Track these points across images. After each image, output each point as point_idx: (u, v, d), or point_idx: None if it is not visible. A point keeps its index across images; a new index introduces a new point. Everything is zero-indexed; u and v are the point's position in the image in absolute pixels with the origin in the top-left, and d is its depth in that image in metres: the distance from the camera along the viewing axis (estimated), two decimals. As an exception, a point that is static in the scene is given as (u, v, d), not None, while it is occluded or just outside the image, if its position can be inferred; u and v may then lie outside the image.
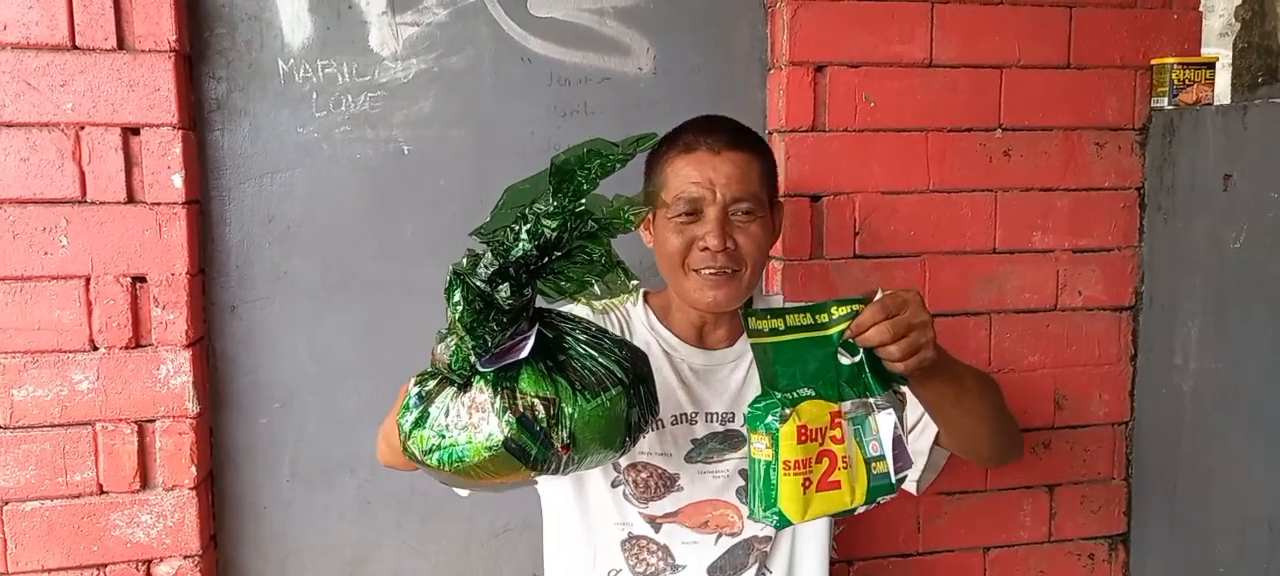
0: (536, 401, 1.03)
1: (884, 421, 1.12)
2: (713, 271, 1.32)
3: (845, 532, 1.92)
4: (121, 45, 1.55)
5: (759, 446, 1.09)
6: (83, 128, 1.55)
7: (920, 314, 1.10)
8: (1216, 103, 1.88)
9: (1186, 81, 1.87)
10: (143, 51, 1.56)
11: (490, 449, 1.03)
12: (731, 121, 1.40)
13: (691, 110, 1.44)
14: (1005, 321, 1.95)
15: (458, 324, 1.02)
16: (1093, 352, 2.00)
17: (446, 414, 1.06)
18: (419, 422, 1.08)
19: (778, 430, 1.08)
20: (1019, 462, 1.96)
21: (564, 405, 1.04)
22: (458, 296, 1.01)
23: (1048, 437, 2.01)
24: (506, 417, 1.02)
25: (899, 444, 1.12)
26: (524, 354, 1.04)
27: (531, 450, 1.03)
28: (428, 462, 1.07)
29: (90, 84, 1.54)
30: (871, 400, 1.12)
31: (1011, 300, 1.94)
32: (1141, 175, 1.97)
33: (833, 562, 1.88)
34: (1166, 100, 1.88)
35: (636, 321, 1.45)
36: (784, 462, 1.08)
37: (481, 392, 1.04)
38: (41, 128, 1.54)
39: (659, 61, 1.82)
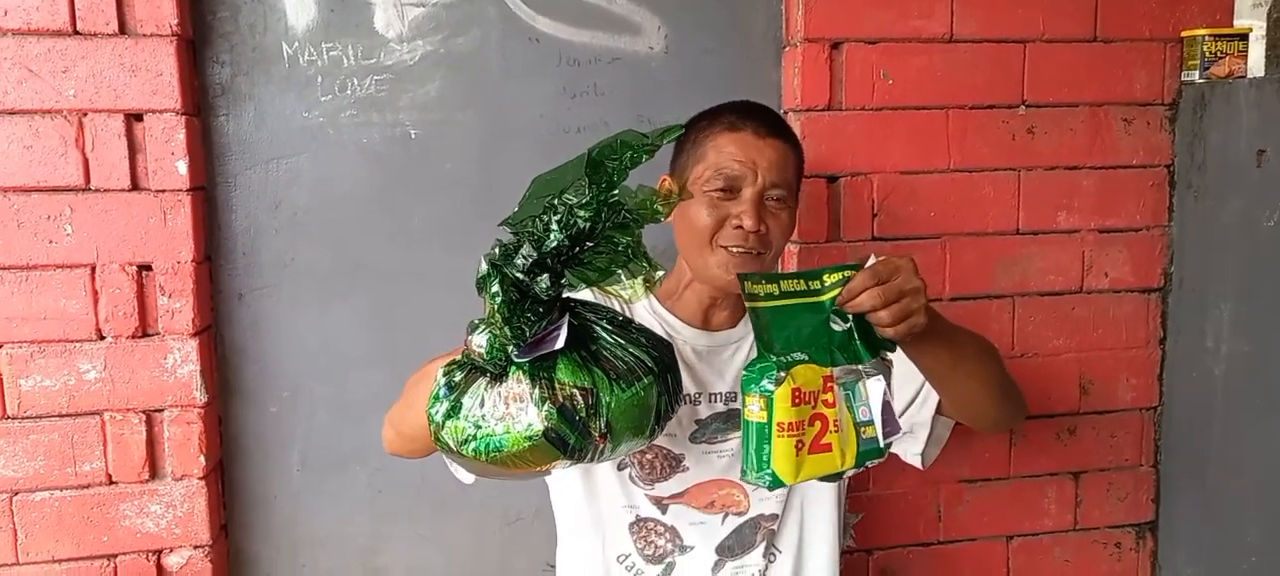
0: (575, 391, 1.05)
1: (873, 387, 1.14)
2: (742, 250, 1.33)
3: (864, 521, 1.89)
4: (123, 30, 1.53)
5: (753, 408, 1.11)
6: (85, 114, 1.53)
7: (912, 280, 1.11)
8: (1250, 76, 1.82)
9: (1218, 54, 1.81)
10: (144, 36, 1.53)
11: (530, 439, 1.04)
12: (771, 110, 1.42)
13: (704, 91, 1.44)
14: (1029, 304, 1.90)
15: (496, 315, 1.03)
16: (1120, 336, 1.95)
17: (481, 404, 1.07)
18: (452, 413, 1.09)
19: (773, 393, 1.09)
20: (1042, 447, 1.95)
21: (602, 394, 1.06)
22: (495, 287, 1.02)
23: (1073, 423, 1.96)
24: (546, 408, 1.04)
25: (888, 410, 1.14)
26: (559, 344, 1.05)
27: (570, 439, 1.05)
28: (463, 452, 1.08)
29: (92, 70, 1.52)
30: (861, 366, 1.14)
31: (1035, 282, 1.89)
32: (1171, 152, 1.91)
33: (851, 550, 1.87)
34: (1197, 74, 1.83)
35: (638, 305, 1.44)
36: (778, 425, 1.09)
37: (518, 383, 1.06)
38: (44, 115, 1.52)
39: (670, 40, 1.78)
